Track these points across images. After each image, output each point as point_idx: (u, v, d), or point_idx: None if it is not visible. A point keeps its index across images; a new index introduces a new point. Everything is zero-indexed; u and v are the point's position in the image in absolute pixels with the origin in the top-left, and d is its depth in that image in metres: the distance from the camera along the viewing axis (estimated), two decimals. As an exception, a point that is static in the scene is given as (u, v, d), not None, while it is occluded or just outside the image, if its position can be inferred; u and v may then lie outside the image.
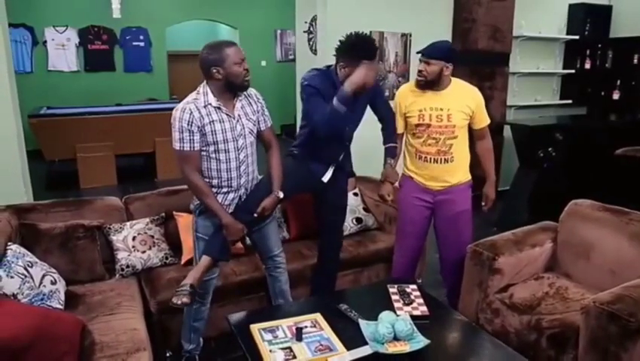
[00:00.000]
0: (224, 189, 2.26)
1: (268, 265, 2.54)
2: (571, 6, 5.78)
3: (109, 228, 2.72)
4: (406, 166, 2.67)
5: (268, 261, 2.53)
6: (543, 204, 4.07)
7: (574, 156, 4.36)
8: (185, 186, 3.04)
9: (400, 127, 2.62)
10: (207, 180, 2.23)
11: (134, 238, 2.71)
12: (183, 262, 2.75)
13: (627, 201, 2.70)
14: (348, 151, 2.64)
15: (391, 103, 2.68)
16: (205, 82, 2.17)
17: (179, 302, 2.08)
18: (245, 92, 2.24)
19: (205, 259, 2.23)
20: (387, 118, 2.61)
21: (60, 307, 2.17)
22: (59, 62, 7.99)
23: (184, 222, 2.84)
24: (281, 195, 2.31)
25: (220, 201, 2.24)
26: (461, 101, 2.50)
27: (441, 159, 2.53)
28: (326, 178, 2.54)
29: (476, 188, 2.71)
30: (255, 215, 2.26)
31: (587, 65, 5.92)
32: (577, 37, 5.73)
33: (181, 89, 9.29)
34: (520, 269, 2.50)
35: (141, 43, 8.49)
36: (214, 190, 2.24)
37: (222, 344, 2.64)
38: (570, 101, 6.00)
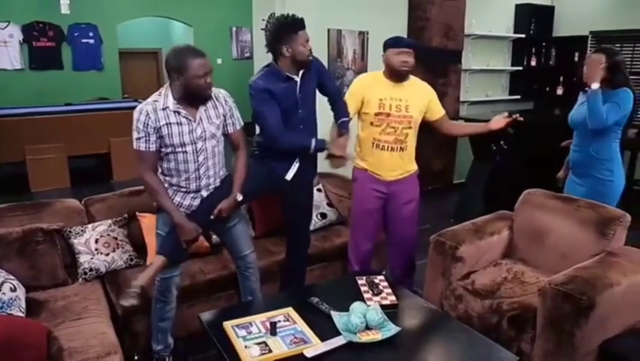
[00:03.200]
0: (183, 189, 2.25)
1: (239, 265, 2.54)
2: (517, 6, 6.06)
3: (70, 231, 2.64)
4: (361, 158, 2.74)
5: (239, 261, 2.53)
6: (497, 194, 4.27)
7: (524, 149, 4.58)
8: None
9: (352, 111, 2.66)
10: (167, 178, 2.22)
11: (97, 241, 2.64)
12: (148, 262, 2.69)
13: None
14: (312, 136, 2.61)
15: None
16: (168, 82, 2.15)
17: (127, 304, 2.07)
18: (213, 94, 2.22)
19: (158, 259, 2.21)
20: (336, 93, 2.66)
21: (22, 314, 2.09)
22: (1, 59, 7.54)
23: (148, 222, 2.79)
24: (239, 197, 2.31)
25: (179, 200, 2.24)
26: (418, 95, 2.68)
27: (397, 147, 2.66)
28: (289, 176, 2.54)
29: (430, 181, 2.86)
30: (212, 217, 2.26)
31: (533, 63, 6.24)
32: (523, 35, 6.02)
33: (134, 87, 9.10)
34: (480, 257, 2.63)
35: (91, 41, 8.16)
36: (174, 189, 2.23)
37: (192, 344, 2.61)
38: (518, 97, 6.31)
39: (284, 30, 2.37)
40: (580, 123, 2.81)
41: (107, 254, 2.62)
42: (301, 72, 2.46)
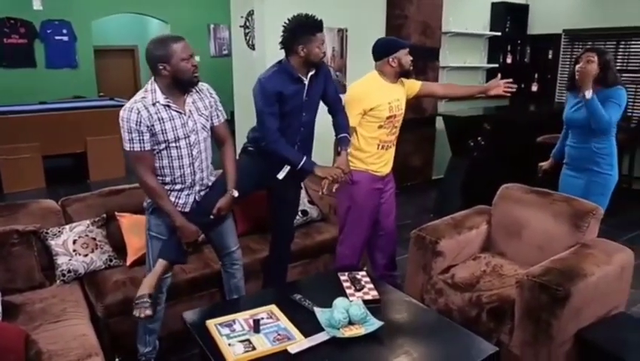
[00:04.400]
0: (178, 186, 2.22)
1: (225, 262, 2.53)
2: (493, 4, 6.17)
3: (46, 232, 2.58)
4: (363, 161, 2.70)
5: (225, 258, 2.52)
6: (474, 190, 4.35)
7: (501, 144, 4.67)
8: (127, 186, 2.99)
9: (355, 122, 2.64)
10: (160, 177, 2.19)
11: (74, 242, 2.59)
12: (128, 263, 2.67)
13: (548, 184, 2.97)
14: (309, 140, 2.62)
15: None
16: (153, 78, 2.12)
17: (142, 316, 2.07)
18: (195, 87, 2.20)
19: (160, 264, 2.20)
20: (338, 106, 2.64)
21: (-3, 318, 2.05)
22: (-29, 57, 7.36)
23: (127, 222, 2.76)
24: (236, 194, 2.29)
25: (174, 198, 2.22)
26: (402, 89, 2.75)
27: (394, 143, 2.80)
28: (281, 175, 2.52)
29: (409, 177, 2.91)
30: (212, 217, 2.25)
31: (509, 60, 6.38)
32: (499, 33, 6.13)
33: (110, 85, 8.96)
34: (460, 251, 2.68)
35: (65, 38, 7.98)
36: (168, 187, 2.20)
37: (174, 344, 2.59)
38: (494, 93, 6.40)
39: (303, 30, 2.36)
40: (579, 123, 2.87)
41: (85, 255, 2.58)
42: (310, 75, 2.45)
